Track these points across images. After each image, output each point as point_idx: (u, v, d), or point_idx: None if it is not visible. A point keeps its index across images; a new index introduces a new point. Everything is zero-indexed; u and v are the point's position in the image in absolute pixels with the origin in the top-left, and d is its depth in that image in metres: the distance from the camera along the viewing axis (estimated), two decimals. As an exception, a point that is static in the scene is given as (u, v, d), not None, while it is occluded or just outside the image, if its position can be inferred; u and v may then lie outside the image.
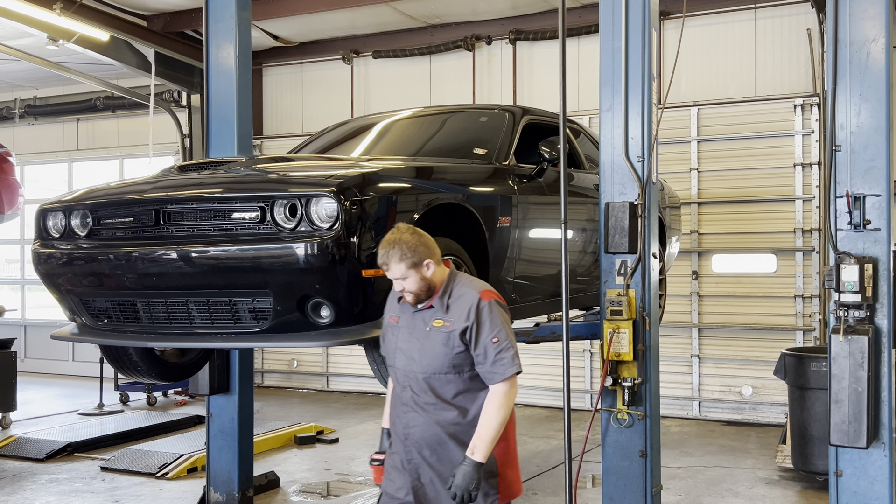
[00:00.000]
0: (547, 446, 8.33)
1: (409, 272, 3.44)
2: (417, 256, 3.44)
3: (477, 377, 3.49)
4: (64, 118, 13.67)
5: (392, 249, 3.44)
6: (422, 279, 3.46)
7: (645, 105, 4.92)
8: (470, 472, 3.36)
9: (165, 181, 4.35)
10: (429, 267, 3.47)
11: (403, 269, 3.44)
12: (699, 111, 9.68)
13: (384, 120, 6.04)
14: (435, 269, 3.49)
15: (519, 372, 3.47)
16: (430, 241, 3.52)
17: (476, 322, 3.42)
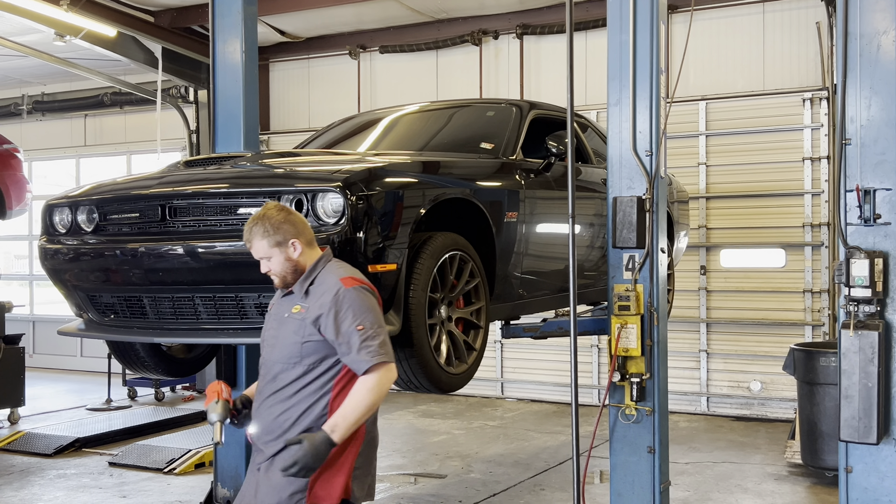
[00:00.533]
0: (554, 441, 8.31)
1: (273, 251, 3.28)
2: (281, 235, 3.25)
3: (328, 372, 3.25)
4: (71, 114, 13.69)
5: (255, 226, 3.27)
6: (286, 260, 3.28)
7: (653, 99, 4.88)
8: (317, 448, 3.10)
9: (171, 176, 4.34)
10: (295, 247, 3.28)
11: (266, 247, 3.28)
12: (707, 105, 9.63)
13: (391, 115, 6.03)
14: (303, 250, 3.30)
15: (388, 362, 3.19)
16: (300, 221, 3.34)
17: (335, 310, 3.18)
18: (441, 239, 4.27)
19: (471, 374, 4.51)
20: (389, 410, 9.97)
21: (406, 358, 4.12)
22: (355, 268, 3.69)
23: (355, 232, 3.80)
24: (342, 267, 3.38)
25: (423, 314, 4.08)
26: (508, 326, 5.88)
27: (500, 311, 5.08)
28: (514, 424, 9.18)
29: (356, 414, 3.16)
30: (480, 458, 7.73)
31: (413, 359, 4.11)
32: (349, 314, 3.18)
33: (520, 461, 7.58)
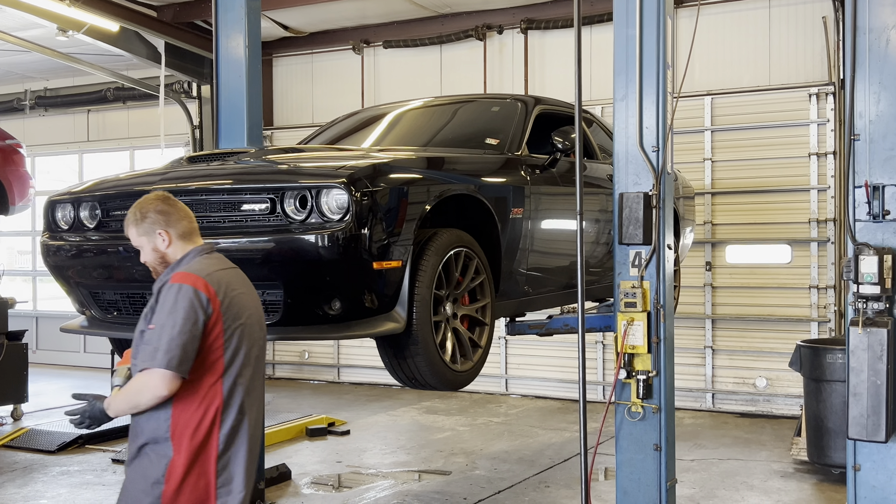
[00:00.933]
0: (559, 438, 8.28)
1: (142, 240, 3.23)
2: (149, 224, 3.20)
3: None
4: (74, 109, 13.66)
5: (130, 213, 3.24)
6: (154, 250, 3.23)
7: (660, 94, 4.84)
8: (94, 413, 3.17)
9: (174, 172, 4.31)
10: (162, 238, 3.21)
11: (135, 235, 3.24)
12: (713, 100, 9.58)
13: (395, 110, 5.99)
14: (172, 242, 3.22)
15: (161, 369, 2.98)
16: (174, 212, 3.24)
17: (155, 303, 3.10)
18: (446, 235, 4.24)
19: (476, 371, 4.49)
20: (394, 407, 9.95)
21: (411, 355, 4.09)
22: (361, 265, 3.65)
23: (360, 228, 3.77)
24: (195, 262, 3.20)
25: (428, 311, 4.06)
26: (514, 323, 5.85)
27: (506, 307, 5.06)
28: (518, 421, 9.15)
29: (124, 405, 3.11)
30: (485, 454, 7.70)
31: (418, 356, 4.08)
32: (161, 309, 3.06)
33: (524, 458, 7.55)
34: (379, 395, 10.83)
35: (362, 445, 8.14)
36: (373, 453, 7.83)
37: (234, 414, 3.17)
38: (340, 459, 7.60)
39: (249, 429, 3.23)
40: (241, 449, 3.20)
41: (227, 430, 3.15)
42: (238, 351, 3.17)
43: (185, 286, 3.06)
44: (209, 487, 3.13)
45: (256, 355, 3.28)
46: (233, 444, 3.17)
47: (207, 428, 3.12)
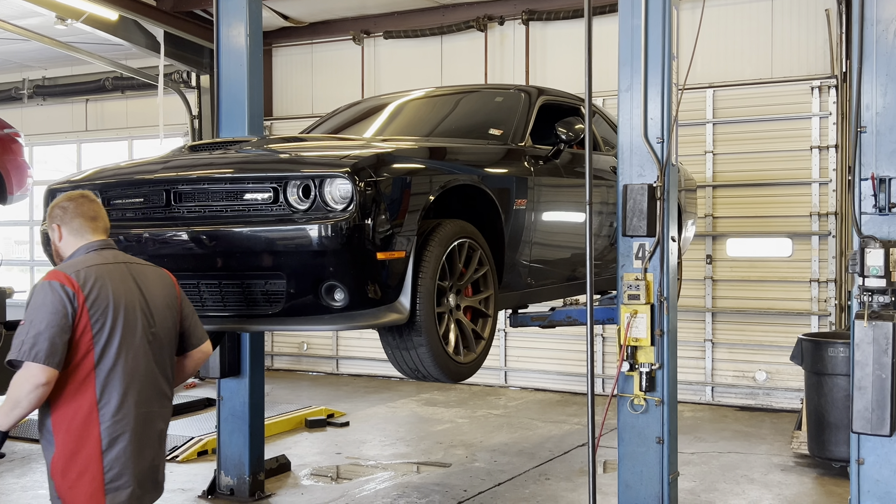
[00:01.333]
0: (559, 431, 8.26)
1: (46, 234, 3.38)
2: (49, 218, 3.31)
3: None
4: (73, 99, 13.59)
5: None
6: (52, 244, 3.35)
7: (665, 85, 4.80)
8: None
9: (176, 161, 4.27)
10: (55, 233, 3.29)
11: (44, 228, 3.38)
12: (715, 93, 9.55)
13: (398, 100, 5.95)
14: (62, 237, 3.29)
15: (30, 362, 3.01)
16: (72, 209, 3.28)
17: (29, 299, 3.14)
18: (450, 226, 4.21)
19: (479, 363, 4.46)
20: (393, 399, 9.94)
21: (415, 347, 4.07)
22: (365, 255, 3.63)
23: (363, 219, 3.74)
24: (80, 259, 3.23)
25: (431, 302, 4.02)
26: (516, 315, 5.82)
27: (509, 299, 5.03)
28: (517, 413, 9.14)
29: (8, 410, 3.07)
30: (485, 446, 7.68)
31: (422, 347, 4.05)
32: (29, 306, 3.11)
33: (524, 450, 7.53)
34: (378, 386, 10.81)
35: (361, 437, 8.12)
36: (372, 445, 7.82)
37: (114, 408, 3.15)
38: (340, 451, 7.58)
39: (135, 423, 3.19)
40: (125, 443, 3.16)
41: (108, 425, 3.14)
42: (110, 343, 3.15)
43: (52, 282, 3.10)
44: (96, 483, 3.12)
45: (143, 348, 3.25)
46: (117, 439, 3.15)
47: (82, 422, 3.12)
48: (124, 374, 3.17)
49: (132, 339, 3.21)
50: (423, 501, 6.10)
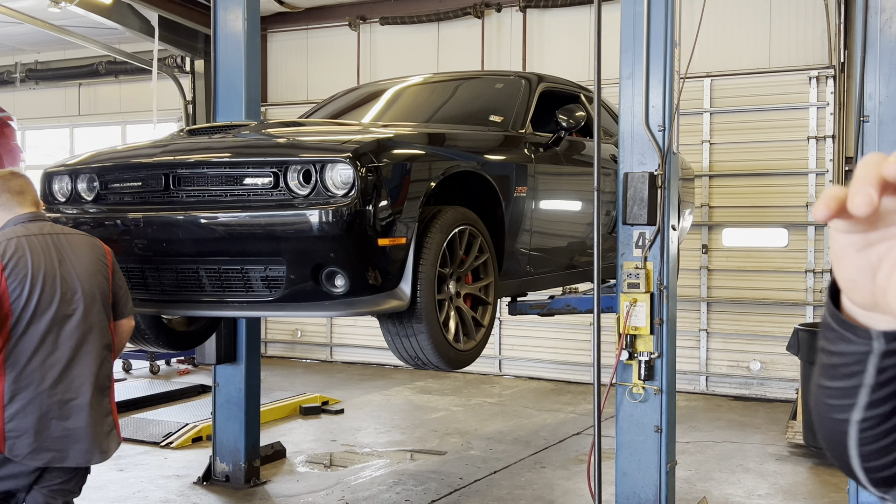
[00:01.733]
0: (553, 419, 8.26)
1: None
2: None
3: None
4: (66, 83, 13.50)
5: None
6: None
7: (667, 73, 4.78)
8: None
9: (175, 145, 4.22)
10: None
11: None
12: (712, 82, 9.52)
13: (397, 85, 5.91)
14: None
15: None
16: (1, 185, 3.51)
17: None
18: (451, 213, 4.18)
19: (479, 350, 4.44)
20: (387, 386, 9.92)
21: (415, 334, 4.04)
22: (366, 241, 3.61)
23: (365, 204, 3.70)
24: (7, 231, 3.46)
25: (432, 289, 4.00)
26: (515, 303, 5.80)
27: (508, 287, 5.00)
28: (512, 402, 9.14)
29: None
30: (480, 435, 7.68)
31: (422, 335, 4.02)
32: None
33: (519, 438, 7.53)
34: (372, 374, 10.80)
35: (356, 424, 8.11)
36: (367, 432, 7.80)
37: (19, 369, 3.36)
38: (335, 438, 7.57)
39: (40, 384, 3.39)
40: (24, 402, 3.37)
41: (10, 382, 3.35)
42: (26, 310, 3.36)
43: None
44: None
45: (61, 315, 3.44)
46: (15, 397, 3.36)
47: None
48: (36, 339, 3.39)
49: (48, 306, 3.41)
50: (420, 489, 6.09)
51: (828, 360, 0.90)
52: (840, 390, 0.90)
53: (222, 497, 5.90)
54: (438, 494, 5.97)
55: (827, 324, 0.88)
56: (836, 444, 0.96)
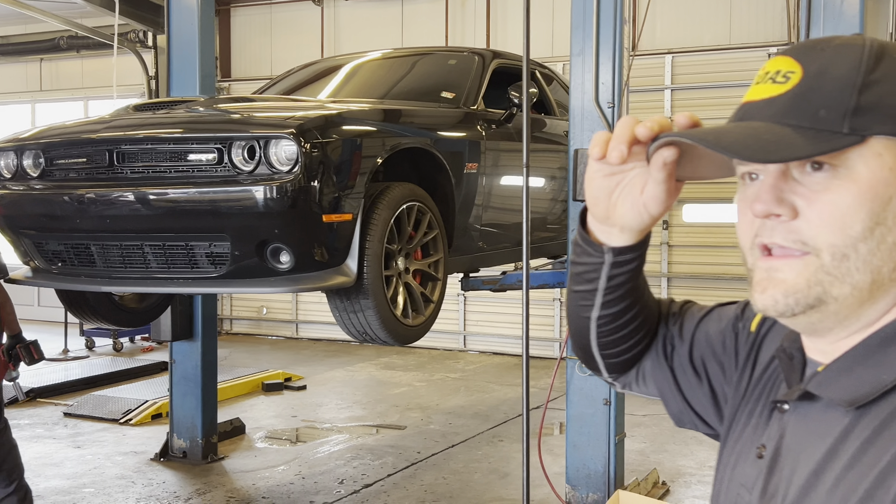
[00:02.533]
0: (514, 394, 8.34)
1: None
2: None
3: None
4: (27, 58, 13.30)
5: None
6: None
7: (616, 50, 4.80)
8: None
9: (120, 121, 4.20)
10: None
11: None
12: (673, 59, 9.57)
13: (351, 62, 5.90)
14: None
15: None
16: None
17: None
18: (398, 189, 4.19)
19: (428, 325, 4.47)
20: (351, 363, 9.96)
21: (362, 309, 4.06)
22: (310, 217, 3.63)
23: (309, 181, 3.71)
24: None
25: (378, 265, 4.02)
26: (468, 279, 5.84)
27: (460, 263, 5.03)
28: (475, 377, 9.21)
29: None
30: (440, 409, 7.74)
31: (369, 310, 4.05)
32: None
33: (479, 413, 7.60)
34: (337, 350, 10.83)
35: (318, 400, 8.14)
36: (328, 408, 7.84)
37: None
38: (296, 414, 7.60)
39: None
40: None
41: None
42: None
43: None
44: None
45: None
46: None
47: None
48: None
49: None
50: (377, 463, 6.14)
51: (575, 270, 1.16)
52: (584, 293, 1.17)
53: (179, 473, 5.92)
54: (395, 468, 6.03)
55: (576, 241, 1.14)
56: (582, 338, 1.23)
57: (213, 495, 5.49)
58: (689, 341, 1.23)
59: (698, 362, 1.21)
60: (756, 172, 0.94)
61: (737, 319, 1.20)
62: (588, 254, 1.11)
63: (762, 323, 1.16)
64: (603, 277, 1.12)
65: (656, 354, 1.25)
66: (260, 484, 5.71)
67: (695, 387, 1.22)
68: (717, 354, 1.20)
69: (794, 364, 1.01)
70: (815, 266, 0.89)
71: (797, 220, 0.90)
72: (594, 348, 1.23)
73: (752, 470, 1.00)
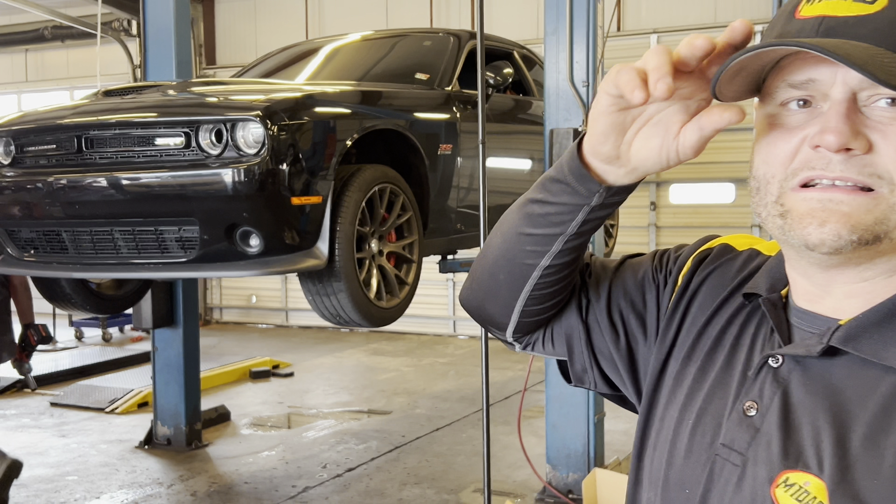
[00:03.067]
0: (502, 377, 8.34)
1: None
2: None
3: None
4: (11, 49, 13.24)
5: None
6: None
7: (590, 28, 4.78)
8: None
9: (88, 106, 4.17)
10: None
11: None
12: (658, 38, 9.53)
13: (328, 45, 5.86)
14: None
15: None
16: None
17: None
18: (370, 171, 4.17)
19: (402, 308, 4.46)
20: (340, 349, 9.96)
21: (335, 292, 4.05)
22: (279, 200, 3.62)
23: (277, 163, 3.69)
24: None
25: (350, 247, 4.00)
26: (445, 261, 5.82)
27: (436, 245, 5.02)
28: (463, 361, 9.21)
29: None
30: (427, 394, 7.74)
31: (342, 293, 4.03)
32: None
33: (465, 396, 7.61)
34: (327, 338, 10.82)
35: (305, 387, 8.14)
36: (315, 394, 7.84)
37: None
38: (282, 401, 7.60)
39: None
40: None
41: None
42: None
43: None
44: None
45: None
46: None
47: None
48: None
49: None
50: (361, 447, 6.15)
51: (540, 210, 1.03)
52: (539, 237, 1.04)
53: (162, 460, 5.92)
54: (379, 452, 6.03)
55: (556, 178, 1.00)
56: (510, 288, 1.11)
57: (195, 481, 5.49)
58: (606, 296, 1.15)
59: (616, 317, 1.14)
60: (809, 99, 0.88)
61: (656, 271, 1.14)
62: (571, 192, 0.99)
63: (692, 273, 1.09)
64: (577, 220, 1.00)
65: (570, 310, 1.16)
66: (243, 469, 5.71)
67: (609, 343, 1.14)
68: (635, 307, 1.13)
69: (781, 316, 0.96)
70: (886, 204, 0.84)
71: (871, 154, 0.84)
72: (519, 301, 1.12)
73: (739, 430, 0.91)
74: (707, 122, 0.89)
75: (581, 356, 1.17)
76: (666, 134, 0.91)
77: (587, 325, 1.16)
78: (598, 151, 0.94)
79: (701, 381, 1.00)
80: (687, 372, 1.02)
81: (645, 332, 1.12)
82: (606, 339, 1.14)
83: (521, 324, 1.17)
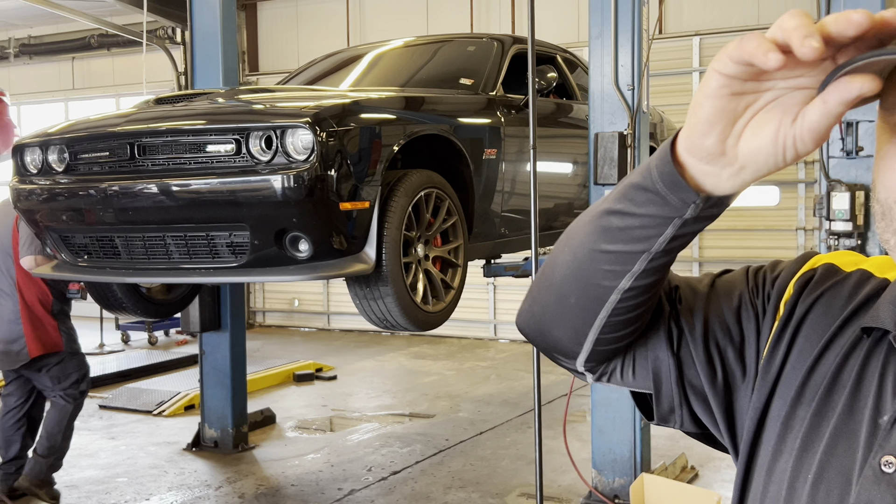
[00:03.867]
0: (545, 381, 8.25)
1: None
2: None
3: None
4: (59, 57, 13.51)
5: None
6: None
7: (635, 31, 4.77)
8: None
9: (141, 114, 4.25)
10: None
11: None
12: (701, 41, 9.46)
13: (372, 51, 5.91)
14: None
15: None
16: None
17: None
18: (416, 176, 4.20)
19: (448, 312, 4.48)
20: (382, 353, 10.01)
21: (381, 297, 4.08)
22: (327, 206, 3.67)
23: (326, 169, 3.73)
24: None
25: (397, 252, 4.03)
26: (490, 265, 5.83)
27: (480, 249, 5.03)
28: (504, 365, 9.21)
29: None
30: (470, 398, 7.76)
31: (388, 297, 4.07)
32: None
33: (508, 400, 7.61)
34: (368, 341, 10.88)
35: (348, 390, 8.20)
36: (358, 397, 7.89)
37: None
38: (326, 403, 7.66)
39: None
40: None
41: None
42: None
43: None
44: None
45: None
46: None
47: None
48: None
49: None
50: (405, 450, 6.18)
51: (620, 223, 0.87)
52: (621, 255, 0.89)
53: (210, 462, 6.00)
54: (423, 455, 6.06)
55: (642, 185, 0.85)
56: (583, 313, 0.96)
57: (243, 483, 5.56)
58: (702, 327, 0.99)
59: (714, 351, 0.99)
60: None
61: (753, 295, 1.01)
62: (660, 202, 0.83)
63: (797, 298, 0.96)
64: (665, 236, 0.84)
65: (658, 340, 1.01)
66: (289, 472, 5.77)
67: (705, 381, 0.99)
68: (733, 340, 0.99)
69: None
70: None
71: None
72: (594, 328, 0.96)
73: (877, 490, 0.79)
74: (833, 94, 0.70)
75: (670, 394, 1.02)
76: (784, 116, 0.75)
77: (679, 359, 1.01)
78: (698, 146, 0.79)
79: (817, 428, 0.87)
80: (797, 415, 0.90)
81: (744, 368, 0.99)
82: (702, 376, 1.00)
83: (594, 352, 1.01)
